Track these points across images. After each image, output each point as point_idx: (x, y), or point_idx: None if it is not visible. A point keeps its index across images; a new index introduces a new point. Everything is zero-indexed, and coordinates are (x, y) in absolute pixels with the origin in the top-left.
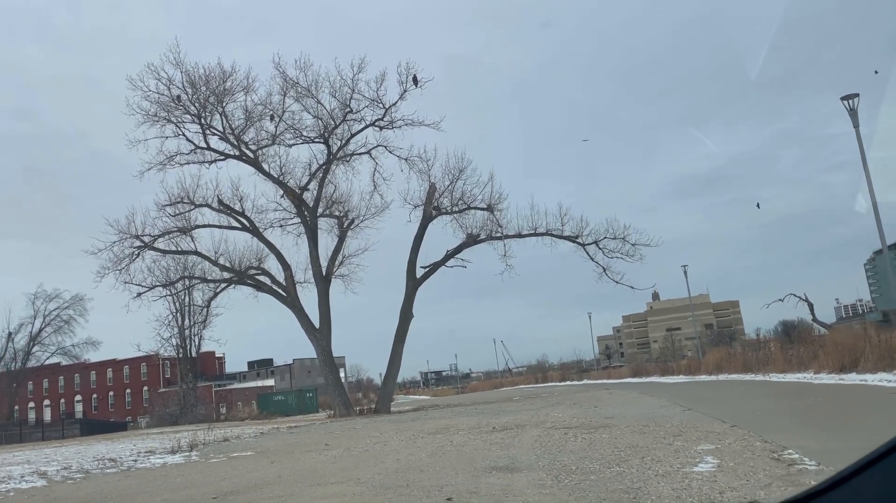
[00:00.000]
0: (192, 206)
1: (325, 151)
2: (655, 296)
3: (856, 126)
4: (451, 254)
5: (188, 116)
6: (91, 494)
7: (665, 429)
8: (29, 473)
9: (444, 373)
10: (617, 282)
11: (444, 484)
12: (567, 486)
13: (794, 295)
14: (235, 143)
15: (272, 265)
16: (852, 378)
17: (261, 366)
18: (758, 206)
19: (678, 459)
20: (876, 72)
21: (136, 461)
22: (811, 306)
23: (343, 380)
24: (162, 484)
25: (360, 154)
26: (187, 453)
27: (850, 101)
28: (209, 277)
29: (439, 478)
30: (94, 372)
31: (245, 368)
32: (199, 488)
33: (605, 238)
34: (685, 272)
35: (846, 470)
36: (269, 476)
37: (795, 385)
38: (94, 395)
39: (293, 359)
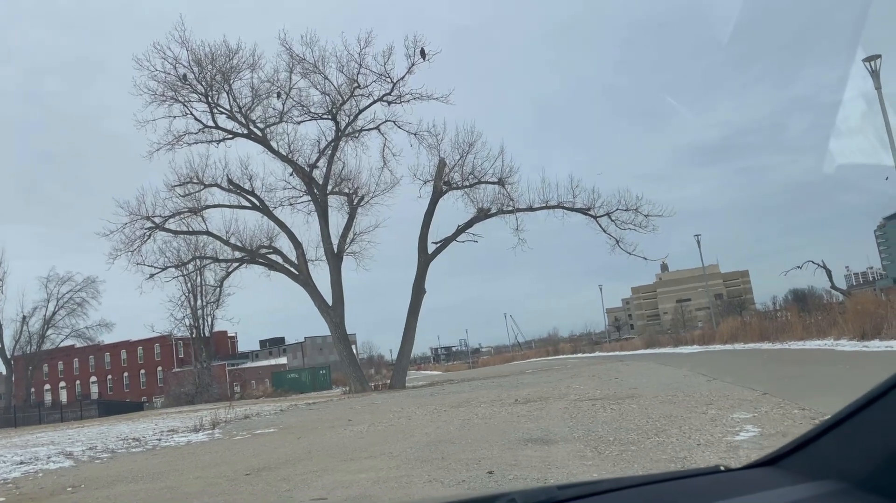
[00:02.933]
0: (202, 186)
1: (334, 128)
2: (664, 267)
3: (878, 87)
4: (462, 229)
5: (195, 95)
6: (121, 473)
7: (695, 398)
8: (55, 454)
9: (454, 349)
10: (630, 254)
11: (481, 457)
12: (609, 457)
13: (813, 262)
14: (243, 122)
15: (283, 244)
16: (876, 345)
17: (273, 345)
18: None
19: (717, 428)
20: None
21: (160, 440)
22: (829, 273)
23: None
24: (191, 461)
25: (368, 130)
26: (210, 431)
27: (872, 63)
28: (221, 257)
29: (474, 450)
30: (108, 353)
31: (257, 347)
32: (229, 465)
33: (617, 209)
34: (698, 242)
35: (815, 429)
36: (299, 452)
37: (818, 352)
38: (109, 377)
39: (305, 337)
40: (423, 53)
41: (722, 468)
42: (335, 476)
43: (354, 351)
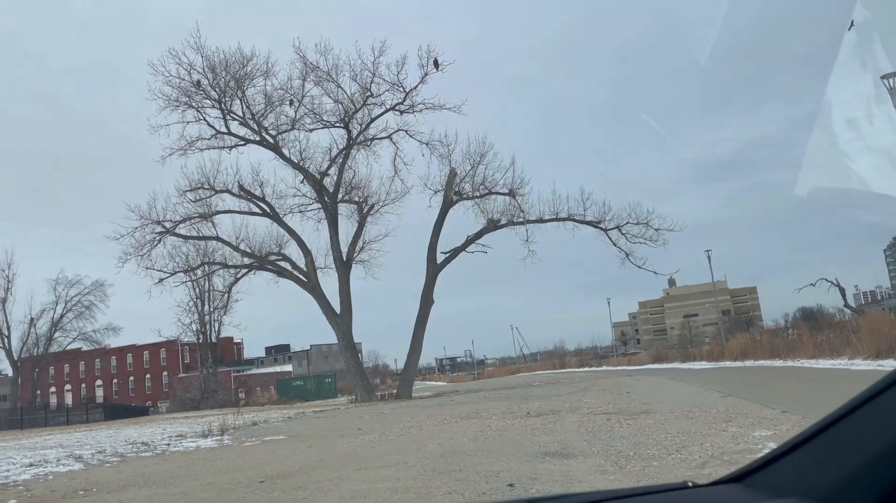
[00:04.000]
0: (213, 192)
1: (346, 136)
2: (672, 282)
3: None
4: (471, 240)
5: (209, 101)
6: (132, 478)
7: (711, 415)
8: (64, 457)
9: (458, 360)
10: (640, 268)
11: (500, 469)
12: (631, 473)
13: (826, 279)
14: (256, 129)
15: (293, 251)
16: (891, 364)
17: (278, 352)
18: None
19: (738, 445)
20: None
21: (168, 445)
22: (843, 291)
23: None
24: (202, 467)
25: (380, 138)
26: (219, 437)
27: (890, 80)
28: (230, 263)
29: (491, 462)
30: (114, 357)
31: (262, 354)
32: (242, 471)
33: (627, 223)
34: (708, 257)
35: (785, 444)
36: (311, 460)
37: (832, 371)
38: (115, 380)
39: (310, 345)
40: (436, 63)
41: (689, 484)
42: (351, 485)
43: (360, 359)
